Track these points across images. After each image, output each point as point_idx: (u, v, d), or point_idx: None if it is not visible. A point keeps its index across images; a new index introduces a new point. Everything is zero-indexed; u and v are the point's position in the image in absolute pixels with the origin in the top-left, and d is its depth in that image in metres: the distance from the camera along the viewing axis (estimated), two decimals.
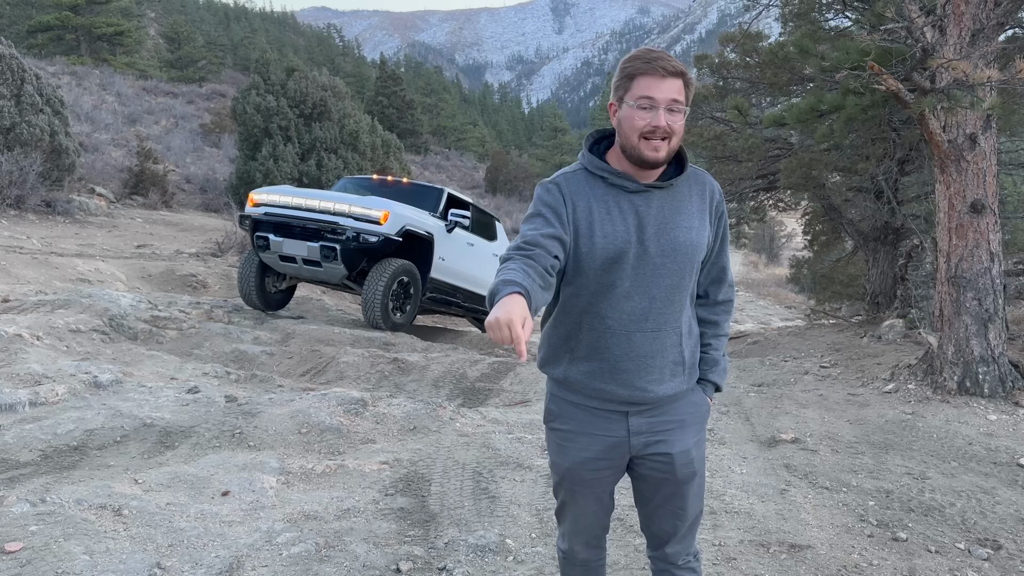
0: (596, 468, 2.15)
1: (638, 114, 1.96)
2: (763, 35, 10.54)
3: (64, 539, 3.07)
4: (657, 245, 2.04)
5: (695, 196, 2.11)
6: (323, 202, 8.81)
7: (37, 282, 9.70)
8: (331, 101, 21.24)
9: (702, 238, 2.10)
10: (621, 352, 2.07)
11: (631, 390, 2.09)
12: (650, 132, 1.96)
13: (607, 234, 2.02)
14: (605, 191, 2.06)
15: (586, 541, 2.31)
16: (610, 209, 2.04)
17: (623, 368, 2.08)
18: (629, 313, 2.06)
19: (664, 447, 2.13)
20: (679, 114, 1.98)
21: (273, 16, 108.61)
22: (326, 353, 7.54)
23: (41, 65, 30.19)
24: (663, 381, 2.11)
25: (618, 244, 2.02)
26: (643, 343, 2.07)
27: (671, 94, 1.95)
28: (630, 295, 2.05)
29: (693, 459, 2.16)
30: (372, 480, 4.01)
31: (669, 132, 1.96)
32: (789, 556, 3.40)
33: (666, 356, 2.10)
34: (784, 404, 5.86)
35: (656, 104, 1.95)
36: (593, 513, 2.24)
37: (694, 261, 2.09)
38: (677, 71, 1.97)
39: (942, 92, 5.26)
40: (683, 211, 2.08)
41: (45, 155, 15.23)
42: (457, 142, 59.00)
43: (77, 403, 4.87)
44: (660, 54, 1.99)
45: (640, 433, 2.13)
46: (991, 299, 5.71)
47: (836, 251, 13.16)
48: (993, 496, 4.18)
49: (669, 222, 2.05)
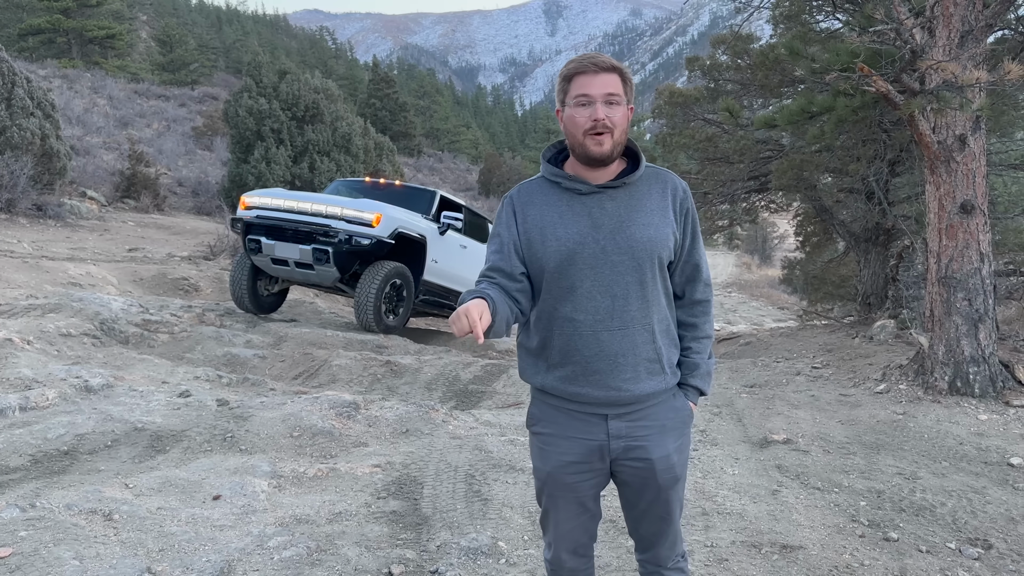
0: (577, 472, 2.16)
1: (578, 112, 2.04)
2: (754, 37, 10.59)
3: (54, 544, 3.06)
4: (614, 243, 2.07)
5: (655, 193, 2.13)
6: (315, 205, 8.79)
7: (28, 286, 9.66)
8: (324, 104, 21.21)
9: (662, 234, 2.10)
10: (591, 353, 2.09)
11: (606, 391, 2.10)
12: (590, 127, 2.02)
13: (559, 237, 2.09)
14: (559, 196, 2.14)
15: (572, 549, 2.27)
16: (563, 213, 2.11)
17: (595, 369, 2.10)
18: (593, 313, 2.09)
19: (643, 452, 2.13)
20: (618, 106, 2.04)
21: (265, 19, 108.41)
22: (318, 356, 7.53)
23: (32, 68, 30.07)
24: (639, 379, 2.11)
25: (570, 246, 2.08)
26: (611, 342, 2.09)
27: (606, 88, 2.03)
28: (592, 295, 2.09)
29: (674, 464, 2.16)
30: (364, 483, 4.01)
31: (610, 125, 2.02)
32: (781, 557, 3.41)
33: (638, 354, 2.10)
34: (776, 405, 5.87)
35: (593, 99, 2.03)
36: (576, 518, 2.23)
37: (654, 257, 2.09)
38: (610, 66, 2.05)
39: (931, 93, 5.28)
40: (640, 208, 2.10)
41: (36, 158, 15.17)
42: (450, 144, 59.00)
43: (68, 407, 4.85)
44: (593, 54, 2.08)
45: (620, 437, 2.13)
46: (981, 299, 5.73)
47: (828, 252, 13.21)
48: (984, 496, 4.19)
49: (626, 220, 2.09)
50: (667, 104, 11.02)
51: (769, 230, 40.77)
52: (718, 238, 35.88)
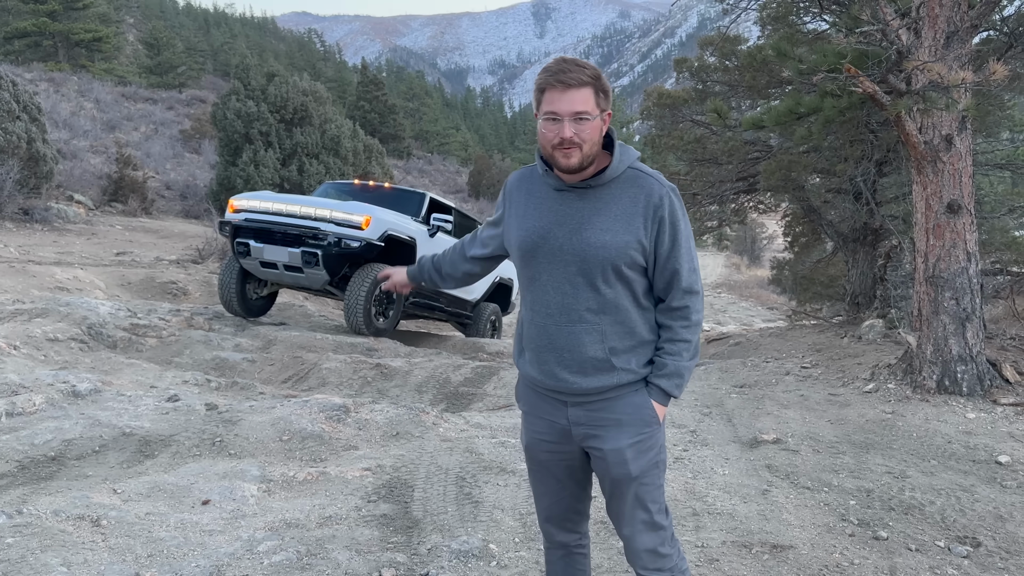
0: (548, 449, 2.27)
1: (547, 126, 2.04)
2: (742, 39, 10.63)
3: (41, 551, 3.03)
4: (570, 243, 2.11)
5: (625, 200, 2.10)
6: (304, 207, 8.76)
7: (14, 291, 9.59)
8: (312, 106, 21.15)
9: (620, 241, 2.07)
10: (541, 343, 2.19)
11: (554, 380, 2.18)
12: (558, 144, 2.03)
13: (524, 227, 2.19)
14: (540, 188, 2.21)
15: (558, 523, 2.39)
16: (538, 205, 2.19)
17: (543, 359, 2.19)
18: (545, 306, 2.17)
19: (598, 442, 2.18)
20: (586, 123, 2.02)
21: (253, 21, 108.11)
22: (308, 359, 7.50)
23: (18, 72, 29.87)
24: (585, 375, 2.14)
25: (534, 238, 2.16)
26: (558, 336, 2.15)
27: (575, 107, 2.00)
28: (546, 289, 2.16)
29: (627, 460, 2.15)
30: (354, 487, 3.99)
31: (577, 141, 2.02)
32: (771, 556, 3.41)
33: (584, 352, 2.13)
34: (766, 405, 5.89)
35: (560, 117, 2.01)
36: (555, 493, 2.34)
37: (606, 263, 2.08)
38: (581, 82, 2.00)
39: (918, 94, 5.32)
40: (603, 213, 2.10)
41: (22, 162, 15.07)
42: (440, 146, 58.96)
43: (55, 413, 4.81)
44: (567, 66, 2.02)
45: (579, 424, 2.20)
46: (968, 298, 5.77)
47: (816, 252, 13.25)
48: (972, 494, 4.21)
49: (586, 222, 2.10)
50: (655, 106, 11.05)
51: (758, 231, 40.95)
52: (707, 239, 35.94)
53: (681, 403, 6.09)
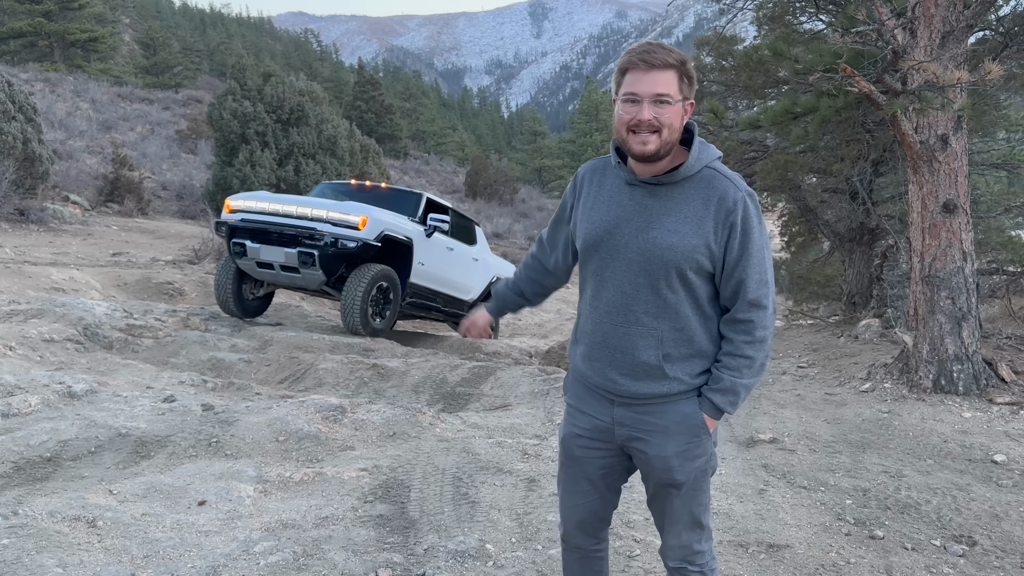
0: (585, 446, 2.22)
1: (625, 108, 1.98)
2: (738, 39, 10.63)
3: (37, 552, 3.02)
4: (635, 241, 2.04)
5: (697, 201, 2.02)
6: (300, 208, 8.75)
7: (10, 291, 9.56)
8: (309, 106, 21.12)
9: (687, 244, 1.99)
10: (595, 340, 2.14)
11: (603, 379, 2.14)
12: (635, 126, 1.96)
13: (592, 220, 2.13)
14: (613, 180, 2.14)
15: (578, 525, 2.33)
16: (608, 198, 2.12)
17: (595, 356, 2.15)
18: (605, 303, 2.11)
19: (642, 446, 2.13)
20: (667, 106, 1.95)
21: (250, 21, 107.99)
22: (304, 360, 7.49)
23: (13, 72, 29.80)
24: (636, 379, 2.09)
25: (599, 232, 2.10)
26: (613, 336, 2.10)
27: (656, 88, 1.94)
28: (607, 285, 2.10)
29: (672, 468, 2.11)
30: (351, 487, 3.99)
31: (657, 125, 1.95)
32: (768, 556, 3.42)
33: (637, 355, 2.07)
34: (762, 404, 5.90)
35: (640, 98, 1.95)
36: (585, 495, 2.28)
37: (670, 266, 2.00)
38: (665, 64, 1.94)
39: (913, 94, 5.32)
40: (674, 213, 2.02)
41: (18, 163, 15.02)
42: (436, 146, 58.92)
43: (51, 414, 4.80)
44: (651, 48, 1.97)
45: (623, 425, 2.15)
46: (964, 298, 5.78)
47: (813, 252, 13.26)
48: (968, 493, 4.22)
49: (654, 221, 2.03)
50: None
51: None
52: None
53: None
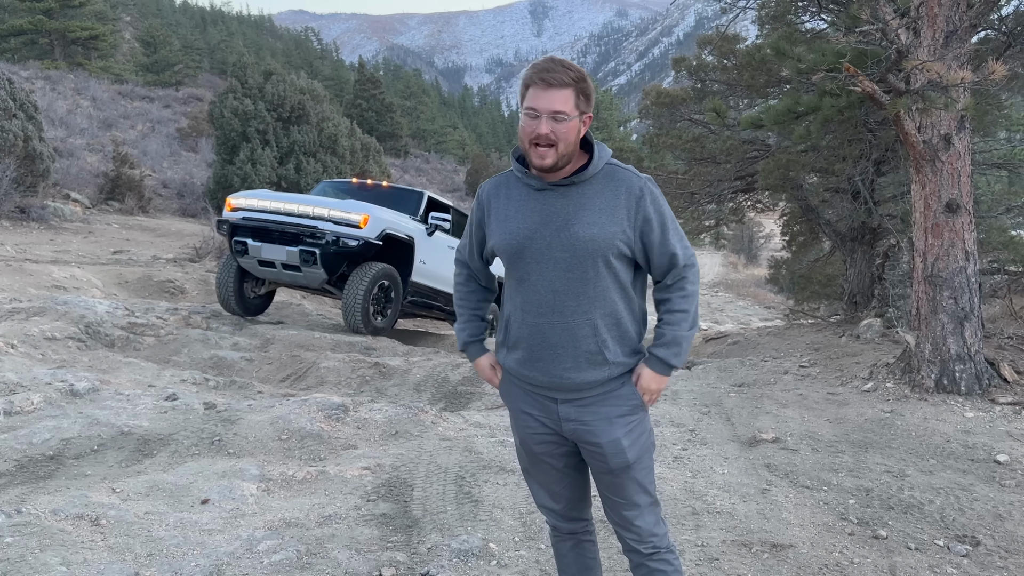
0: (541, 443, 2.32)
1: (526, 121, 2.10)
2: (740, 38, 10.63)
3: (40, 550, 3.02)
4: (558, 240, 2.15)
5: (607, 193, 2.16)
6: (302, 206, 8.74)
7: (11, 289, 9.56)
8: (309, 104, 21.12)
9: (607, 233, 2.13)
10: (535, 342, 2.22)
11: (550, 377, 2.22)
12: (536, 139, 2.08)
13: (509, 230, 2.22)
14: (519, 191, 2.25)
15: (563, 512, 2.44)
16: (520, 208, 2.22)
17: (539, 357, 2.22)
18: (537, 306, 2.20)
19: (593, 436, 2.23)
20: (563, 123, 2.07)
21: (250, 19, 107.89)
22: (306, 358, 7.49)
23: (14, 70, 29.80)
24: (580, 369, 2.19)
25: (520, 239, 2.19)
26: (552, 334, 2.19)
27: (554, 105, 2.06)
28: (537, 288, 2.19)
29: (624, 448, 2.22)
30: (354, 486, 3.99)
31: (553, 140, 2.07)
32: (771, 555, 3.42)
33: (578, 346, 2.18)
34: (764, 404, 5.89)
35: (539, 113, 2.07)
36: (558, 482, 2.39)
37: (596, 256, 2.13)
38: (562, 83, 2.06)
39: (917, 93, 5.32)
40: (588, 207, 2.14)
41: (19, 161, 15.02)
42: (437, 145, 58.91)
43: (53, 412, 4.80)
44: (551, 66, 2.08)
45: (569, 420, 2.25)
46: (967, 297, 5.77)
47: (814, 251, 13.27)
48: (971, 493, 4.22)
49: (572, 218, 2.14)
50: (654, 105, 11.05)
51: (755, 230, 40.92)
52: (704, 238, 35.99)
53: (680, 402, 6.10)
